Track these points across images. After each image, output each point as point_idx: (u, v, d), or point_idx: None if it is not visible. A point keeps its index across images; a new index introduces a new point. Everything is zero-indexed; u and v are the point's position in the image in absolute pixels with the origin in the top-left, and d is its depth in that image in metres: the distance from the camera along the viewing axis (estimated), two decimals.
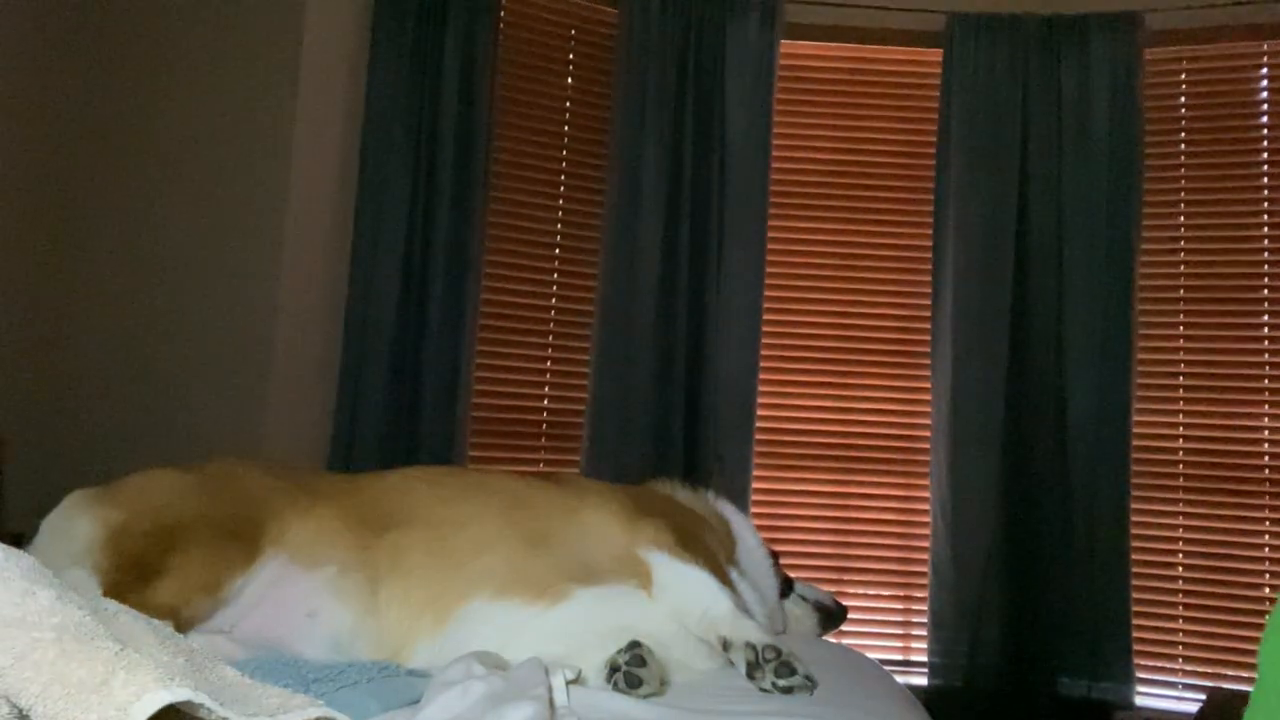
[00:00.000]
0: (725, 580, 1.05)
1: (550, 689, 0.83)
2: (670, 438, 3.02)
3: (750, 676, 0.94)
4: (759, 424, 3.09)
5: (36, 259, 2.73)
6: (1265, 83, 3.15)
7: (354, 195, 2.84)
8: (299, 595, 0.97)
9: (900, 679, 2.59)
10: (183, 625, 0.88)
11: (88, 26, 2.85)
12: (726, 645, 0.97)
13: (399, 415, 2.81)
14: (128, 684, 0.60)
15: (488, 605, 0.97)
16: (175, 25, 2.86)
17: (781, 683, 0.92)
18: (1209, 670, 2.96)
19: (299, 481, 1.08)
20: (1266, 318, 3.07)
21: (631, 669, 0.89)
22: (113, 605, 0.73)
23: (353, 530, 1.01)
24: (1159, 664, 3.00)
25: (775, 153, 3.19)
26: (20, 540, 0.99)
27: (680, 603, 0.99)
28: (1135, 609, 2.96)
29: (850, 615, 1.51)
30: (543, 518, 1.05)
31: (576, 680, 0.89)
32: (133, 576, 0.91)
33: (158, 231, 2.81)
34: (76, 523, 0.98)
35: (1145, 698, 2.95)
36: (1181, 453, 3.09)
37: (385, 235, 2.82)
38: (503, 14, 3.01)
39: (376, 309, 2.79)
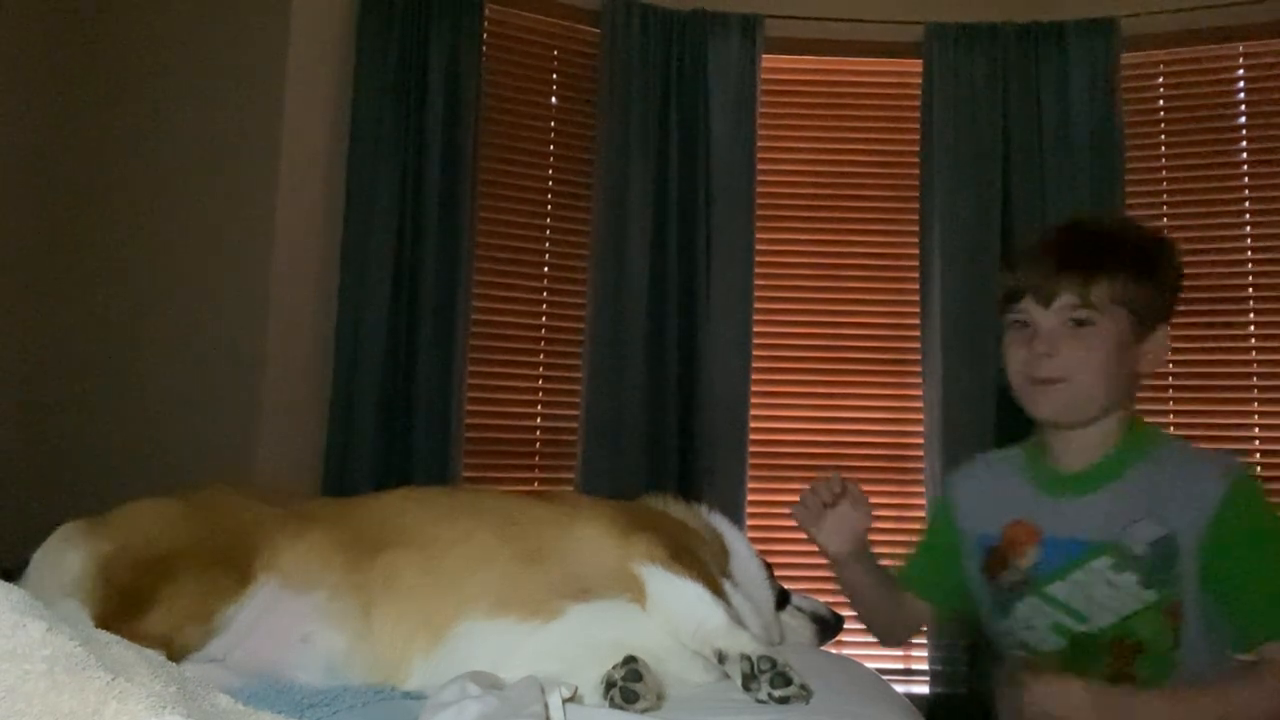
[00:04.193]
0: (719, 592, 1.05)
1: (546, 706, 0.83)
2: (664, 452, 3.02)
3: (746, 688, 0.94)
4: (751, 436, 3.10)
5: (22, 282, 2.73)
6: (1241, 84, 3.19)
7: (341, 215, 2.85)
8: (292, 620, 0.97)
9: (902, 688, 2.59)
10: (176, 654, 0.88)
11: (75, 45, 2.86)
12: (722, 657, 0.97)
13: (392, 436, 2.81)
14: (119, 713, 0.60)
15: (482, 624, 0.97)
16: (160, 54, 2.87)
17: (777, 693, 0.92)
18: None
19: (289, 506, 1.08)
20: (1252, 315, 3.10)
21: (628, 684, 0.89)
22: (104, 636, 0.73)
23: (345, 553, 1.01)
24: None
25: (760, 166, 3.21)
26: (11, 574, 0.99)
27: (675, 616, 0.99)
28: None
29: (848, 625, 1.51)
30: (535, 535, 1.05)
31: (573, 697, 0.89)
32: (124, 607, 0.91)
33: (145, 253, 2.81)
34: (67, 555, 0.97)
35: None
36: None
37: (374, 256, 2.83)
38: (486, 35, 3.04)
39: (367, 330, 2.80)
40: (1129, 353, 1.37)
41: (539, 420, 3.12)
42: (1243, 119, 3.18)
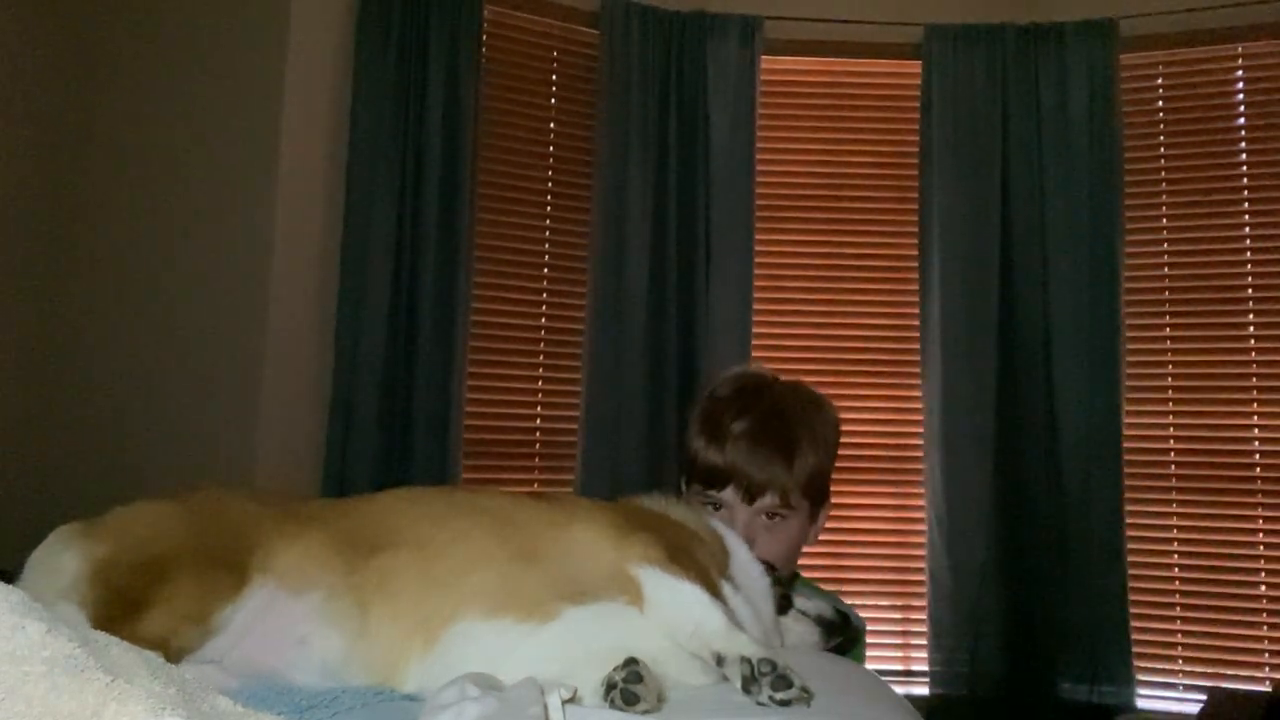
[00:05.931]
0: (717, 594, 1.04)
1: (546, 708, 0.83)
2: (664, 453, 3.02)
3: (746, 690, 0.93)
4: None
5: (22, 283, 2.73)
6: (1241, 84, 3.19)
7: (341, 219, 2.85)
8: (288, 622, 0.96)
9: (901, 690, 2.58)
10: (173, 656, 0.88)
11: (75, 45, 2.86)
12: (720, 660, 0.96)
13: (391, 438, 2.81)
14: (119, 715, 0.60)
15: (478, 625, 0.97)
16: (160, 54, 2.87)
17: (778, 696, 0.91)
18: (1208, 670, 2.97)
19: (286, 508, 1.08)
20: (1251, 316, 3.10)
21: (628, 686, 0.89)
22: (103, 637, 0.73)
23: (341, 554, 1.01)
24: (1159, 665, 3.00)
25: (760, 167, 3.21)
26: (10, 577, 0.99)
27: (672, 618, 0.99)
28: (1133, 611, 2.97)
29: None
30: (532, 535, 1.04)
31: (572, 699, 0.89)
32: (121, 609, 0.90)
33: (145, 254, 2.81)
34: (63, 557, 0.97)
35: (1146, 700, 2.95)
36: (1173, 454, 3.11)
37: (374, 256, 2.83)
38: (485, 36, 3.04)
39: (366, 332, 2.80)
40: (806, 534, 1.55)
41: (539, 421, 3.12)
42: (1242, 119, 3.18)
